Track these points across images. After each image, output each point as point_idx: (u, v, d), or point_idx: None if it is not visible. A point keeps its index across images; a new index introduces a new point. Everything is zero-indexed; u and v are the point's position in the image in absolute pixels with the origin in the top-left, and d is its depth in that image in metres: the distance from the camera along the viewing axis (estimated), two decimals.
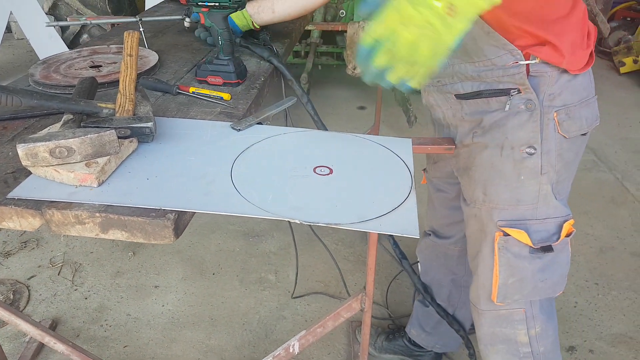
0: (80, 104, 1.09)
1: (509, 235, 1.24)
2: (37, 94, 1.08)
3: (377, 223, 0.90)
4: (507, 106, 1.17)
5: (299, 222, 0.90)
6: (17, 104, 1.06)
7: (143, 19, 1.74)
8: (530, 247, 1.23)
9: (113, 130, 0.95)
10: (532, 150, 1.17)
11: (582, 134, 1.21)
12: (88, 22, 1.75)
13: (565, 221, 1.24)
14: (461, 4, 0.74)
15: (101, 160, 0.94)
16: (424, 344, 1.96)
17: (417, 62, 0.78)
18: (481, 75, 1.18)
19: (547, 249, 1.24)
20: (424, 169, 1.70)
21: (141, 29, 1.69)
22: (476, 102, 1.24)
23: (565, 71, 1.14)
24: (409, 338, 2.00)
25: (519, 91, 1.15)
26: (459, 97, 1.27)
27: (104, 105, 1.10)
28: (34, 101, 1.07)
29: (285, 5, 1.62)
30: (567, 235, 1.26)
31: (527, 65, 1.12)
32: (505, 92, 1.16)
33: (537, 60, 1.11)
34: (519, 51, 1.10)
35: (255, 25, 1.63)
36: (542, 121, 1.16)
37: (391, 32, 0.76)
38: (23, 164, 0.91)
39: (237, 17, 1.61)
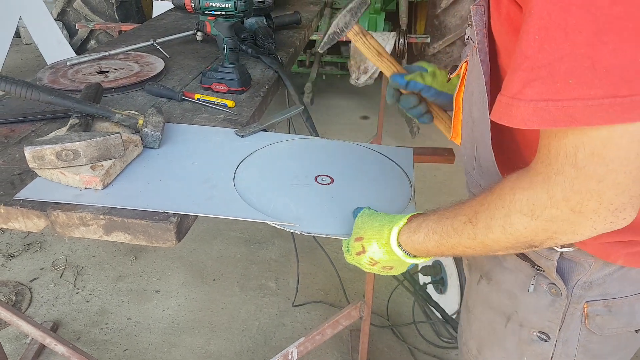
0: (94, 106, 1.12)
1: None
2: (54, 91, 1.12)
3: None
4: (531, 286, 0.89)
5: (299, 233, 0.91)
6: (36, 97, 1.10)
7: (157, 41, 1.78)
8: None
9: (118, 134, 0.97)
10: (544, 337, 0.91)
11: (636, 330, 0.89)
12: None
13: None
14: (396, 265, 0.87)
15: (106, 164, 0.96)
16: None
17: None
18: None
19: None
20: None
21: (158, 48, 1.75)
22: None
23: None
24: None
25: (544, 270, 0.87)
26: None
27: (117, 110, 1.12)
28: (51, 97, 1.10)
29: None
30: None
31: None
32: (529, 261, 0.89)
33: (572, 249, 0.82)
34: None
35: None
36: (565, 310, 0.87)
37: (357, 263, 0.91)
38: (30, 166, 0.93)
39: None
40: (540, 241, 0.67)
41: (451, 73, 1.12)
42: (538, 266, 0.87)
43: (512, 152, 0.85)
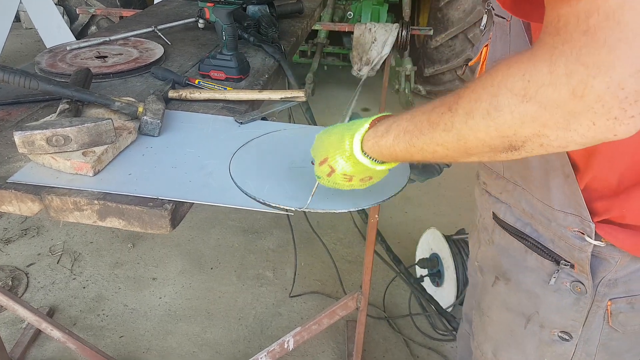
0: (94, 95, 1.11)
1: None
2: (54, 80, 1.11)
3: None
4: (552, 280, 0.88)
5: (294, 210, 0.89)
6: (35, 86, 1.09)
7: (158, 27, 1.76)
8: None
9: (110, 120, 0.97)
10: (566, 337, 0.90)
11: None
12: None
13: None
14: (373, 174, 0.80)
15: (98, 150, 0.95)
16: None
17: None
18: (535, 217, 0.90)
19: None
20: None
21: (159, 34, 1.73)
22: (511, 242, 0.96)
23: None
24: None
25: (572, 266, 0.86)
26: (496, 219, 1.00)
27: (116, 98, 1.11)
28: (50, 86, 1.10)
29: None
30: None
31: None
32: (554, 258, 0.88)
33: (603, 244, 0.82)
34: (592, 224, 0.81)
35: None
36: (589, 309, 0.87)
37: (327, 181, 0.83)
38: (19, 151, 0.92)
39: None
40: (524, 138, 0.56)
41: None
42: (565, 261, 0.85)
43: None
